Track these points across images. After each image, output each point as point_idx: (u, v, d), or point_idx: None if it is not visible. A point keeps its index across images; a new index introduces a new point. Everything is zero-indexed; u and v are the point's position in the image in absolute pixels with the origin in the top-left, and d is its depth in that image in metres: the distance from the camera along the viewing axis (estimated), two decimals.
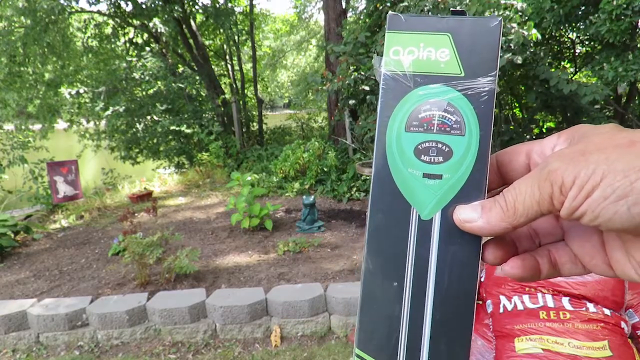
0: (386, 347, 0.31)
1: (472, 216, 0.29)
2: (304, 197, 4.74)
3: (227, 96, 10.15)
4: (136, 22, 9.58)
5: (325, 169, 6.72)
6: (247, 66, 13.65)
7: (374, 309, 0.31)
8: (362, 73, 6.66)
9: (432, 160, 0.30)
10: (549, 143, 0.31)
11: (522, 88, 7.33)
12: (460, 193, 0.30)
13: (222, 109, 9.82)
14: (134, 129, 9.41)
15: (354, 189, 6.21)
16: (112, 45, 10.38)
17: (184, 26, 9.56)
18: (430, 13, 6.13)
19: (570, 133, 0.30)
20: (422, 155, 0.31)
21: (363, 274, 0.32)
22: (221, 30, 10.82)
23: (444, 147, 0.30)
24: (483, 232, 0.29)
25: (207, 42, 11.76)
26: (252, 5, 11.07)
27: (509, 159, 0.33)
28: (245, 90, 11.90)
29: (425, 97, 0.31)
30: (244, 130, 10.24)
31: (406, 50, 0.31)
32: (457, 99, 0.30)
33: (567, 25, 7.44)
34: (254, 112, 11.38)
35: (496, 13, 5.75)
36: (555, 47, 7.81)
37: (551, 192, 0.26)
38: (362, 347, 0.32)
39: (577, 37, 7.60)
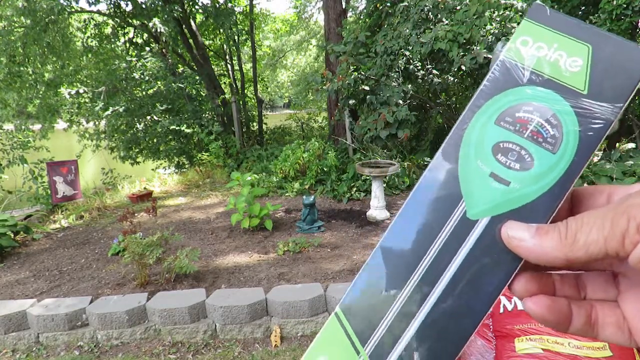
0: (366, 323, 0.29)
1: (523, 235, 0.26)
2: (304, 197, 4.74)
3: (227, 96, 10.15)
4: (136, 22, 9.58)
5: (325, 169, 6.72)
6: (247, 66, 13.65)
7: (373, 280, 0.29)
8: (362, 73, 6.66)
9: (507, 164, 0.28)
10: (637, 187, 0.27)
11: None
12: (521, 209, 0.27)
13: (222, 109, 9.83)
14: (134, 129, 9.41)
15: (354, 189, 6.21)
16: (112, 45, 10.38)
17: (184, 26, 9.57)
18: (430, 13, 6.13)
19: None
20: (499, 154, 0.28)
21: (381, 240, 0.30)
22: (221, 30, 10.82)
23: (526, 156, 0.27)
24: (530, 255, 0.26)
25: (207, 42, 11.76)
26: (252, 5, 11.08)
27: (587, 195, 0.29)
28: (245, 90, 11.90)
29: (531, 97, 0.28)
30: (244, 130, 10.24)
31: (536, 45, 0.29)
32: (565, 113, 0.27)
33: None
34: (254, 112, 11.39)
35: (496, 13, 5.75)
36: None
37: (625, 229, 0.22)
38: (344, 309, 0.29)
39: None
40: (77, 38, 10.38)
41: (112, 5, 9.38)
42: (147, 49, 9.98)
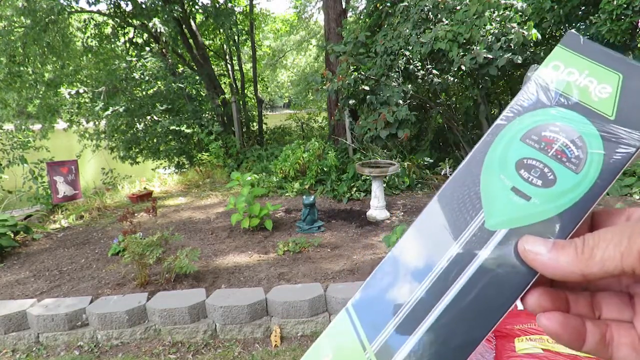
0: (376, 321, 0.29)
1: (539, 249, 0.26)
2: (304, 197, 4.74)
3: (227, 96, 10.15)
4: (136, 22, 9.58)
5: (325, 169, 6.72)
6: (247, 66, 13.65)
7: (386, 280, 0.30)
8: (362, 73, 6.66)
9: (530, 180, 0.28)
10: None
11: None
12: (540, 225, 0.27)
13: (222, 109, 9.83)
14: (134, 129, 9.41)
15: (354, 189, 6.21)
16: (112, 45, 10.39)
17: (184, 26, 9.57)
18: (430, 14, 6.13)
19: None
20: (522, 170, 0.28)
21: (397, 242, 0.30)
22: (221, 30, 10.82)
23: (549, 174, 0.28)
24: (546, 269, 0.26)
25: (207, 42, 11.76)
26: (252, 5, 11.08)
27: (607, 216, 0.29)
28: (245, 90, 11.90)
29: (559, 119, 0.29)
30: (244, 130, 10.24)
31: (567, 70, 0.29)
32: (591, 136, 0.28)
33: (567, 25, 7.44)
34: (254, 112, 11.39)
35: (496, 13, 5.75)
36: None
37: None
38: (355, 305, 0.30)
39: None
40: (77, 38, 10.38)
41: (112, 5, 9.38)
42: (147, 49, 9.98)
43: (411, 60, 6.73)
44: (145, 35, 10.12)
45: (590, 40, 0.30)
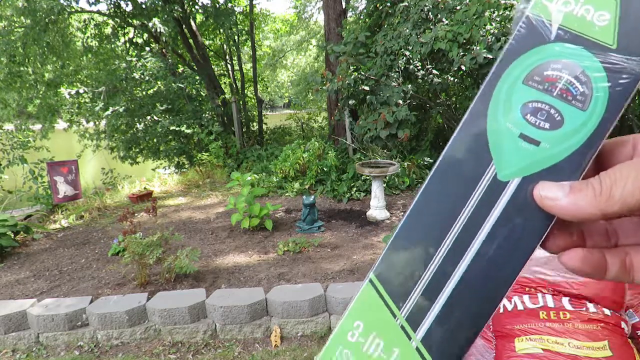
0: (401, 288, 0.29)
1: (556, 194, 0.26)
2: (304, 197, 4.74)
3: (227, 96, 10.15)
4: (136, 22, 9.58)
5: (325, 169, 6.73)
6: (247, 66, 13.65)
7: (405, 244, 0.30)
8: (362, 73, 6.66)
9: (537, 124, 0.27)
10: None
11: None
12: (552, 169, 0.27)
13: (222, 109, 9.83)
14: (134, 129, 9.41)
15: (354, 189, 6.21)
16: (112, 45, 10.38)
17: (183, 26, 9.57)
18: (430, 13, 6.13)
19: None
20: (529, 115, 0.28)
21: (413, 203, 0.30)
22: (221, 30, 10.82)
23: (556, 115, 0.27)
24: (565, 213, 0.25)
25: (207, 42, 11.76)
26: (252, 5, 11.07)
27: (611, 148, 0.29)
28: (245, 90, 11.90)
29: (560, 55, 0.27)
30: (244, 130, 10.24)
31: (562, 0, 0.28)
32: (594, 69, 0.27)
33: None
34: (254, 112, 11.39)
35: (496, 13, 5.75)
36: None
37: None
38: (377, 274, 0.30)
39: None
40: (77, 38, 10.38)
41: (112, 5, 9.38)
42: (147, 49, 9.98)
43: (411, 60, 6.73)
44: (145, 35, 10.12)
45: None
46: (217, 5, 9.93)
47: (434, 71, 6.76)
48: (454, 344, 0.28)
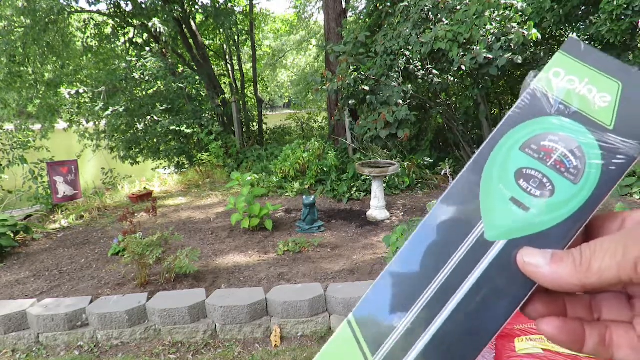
0: (377, 334, 0.29)
1: (538, 261, 0.26)
2: (304, 197, 4.74)
3: (227, 96, 10.15)
4: (136, 22, 9.58)
5: (325, 169, 6.72)
6: (247, 66, 13.65)
7: (387, 291, 0.30)
8: (362, 73, 6.66)
9: (529, 190, 0.28)
10: None
11: None
12: (538, 235, 0.27)
13: (222, 109, 9.83)
14: (134, 129, 9.41)
15: (354, 189, 6.21)
16: (112, 45, 10.38)
17: (183, 26, 9.57)
18: (430, 13, 6.13)
19: None
20: (521, 180, 0.28)
21: (400, 251, 0.30)
22: (221, 30, 10.82)
23: (547, 184, 0.28)
24: (546, 281, 0.26)
25: (207, 42, 11.76)
26: (252, 5, 11.07)
27: (601, 222, 0.29)
28: (245, 90, 11.90)
29: (558, 128, 0.29)
30: (244, 130, 10.24)
31: (567, 77, 0.29)
32: (590, 146, 0.28)
33: (567, 25, 7.44)
34: (254, 112, 11.39)
35: (496, 13, 5.75)
36: (555, 47, 7.80)
37: (637, 256, 0.22)
38: (357, 317, 0.30)
39: (578, 37, 7.59)
40: (77, 38, 10.38)
41: (112, 5, 9.38)
42: (147, 49, 9.98)
43: (411, 60, 6.73)
44: (145, 35, 10.12)
45: (591, 47, 0.29)
46: (217, 5, 9.93)
47: (434, 71, 6.76)
48: None
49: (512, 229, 0.28)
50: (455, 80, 7.26)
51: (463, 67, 5.70)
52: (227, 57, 11.95)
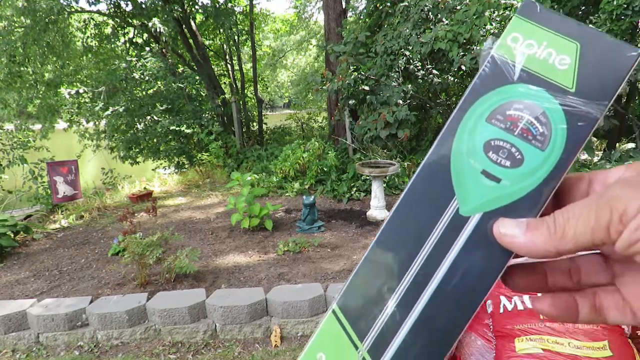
0: (363, 319, 0.29)
1: (514, 232, 0.27)
2: (304, 197, 4.74)
3: (227, 96, 10.15)
4: (136, 22, 9.58)
5: (325, 169, 6.72)
6: (247, 66, 13.65)
7: (369, 276, 0.30)
8: (362, 73, 6.66)
9: (499, 161, 0.28)
10: (615, 173, 0.28)
11: None
12: (512, 205, 0.28)
13: (222, 109, 9.83)
14: (134, 129, 9.41)
15: (354, 189, 6.21)
16: (112, 45, 10.38)
17: (183, 26, 9.57)
18: (430, 13, 6.13)
19: None
20: (491, 152, 0.29)
21: (378, 234, 0.30)
22: (221, 30, 10.82)
23: (516, 153, 0.28)
24: (522, 250, 0.27)
25: (207, 42, 11.76)
26: (252, 5, 11.07)
27: (569, 185, 0.30)
28: (245, 90, 11.90)
29: (522, 95, 0.29)
30: (244, 130, 10.24)
31: (526, 42, 0.29)
32: (554, 111, 0.28)
33: None
34: (254, 112, 11.39)
35: (496, 13, 5.75)
36: None
37: (609, 220, 0.23)
38: (341, 306, 0.30)
39: None
40: (77, 38, 10.38)
41: (112, 5, 9.38)
42: (147, 49, 9.98)
43: (411, 60, 6.73)
44: (145, 35, 10.12)
45: (547, 9, 0.29)
46: (217, 5, 9.93)
47: (434, 71, 6.77)
48: None
49: (485, 202, 0.28)
50: (455, 80, 7.26)
51: (463, 67, 5.70)
52: (227, 57, 11.95)
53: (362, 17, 9.33)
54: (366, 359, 0.29)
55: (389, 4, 7.32)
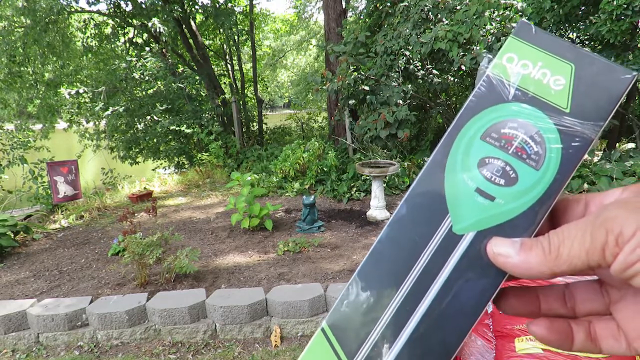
0: (353, 340, 0.29)
1: (508, 251, 0.26)
2: (304, 197, 4.74)
3: (227, 96, 10.15)
4: (136, 22, 9.58)
5: (325, 169, 6.72)
6: (247, 66, 13.65)
7: (361, 294, 0.29)
8: (362, 73, 6.66)
9: (493, 179, 0.28)
10: (612, 195, 0.27)
11: None
12: (506, 225, 0.28)
13: (222, 109, 9.83)
14: (134, 129, 9.41)
15: (354, 189, 6.21)
16: (112, 45, 10.38)
17: (183, 26, 9.57)
18: (430, 13, 6.13)
19: (638, 187, 0.26)
20: (485, 170, 0.28)
21: (370, 250, 0.30)
22: (221, 30, 10.82)
23: (510, 172, 0.28)
24: (516, 271, 0.26)
25: (207, 42, 11.76)
26: (252, 5, 11.07)
27: (564, 206, 0.29)
28: (245, 90, 11.90)
29: (517, 114, 0.29)
30: (244, 130, 10.24)
31: (521, 62, 0.29)
32: (549, 131, 0.28)
33: (567, 25, 7.44)
34: (254, 112, 11.39)
35: (496, 13, 5.75)
36: None
37: (604, 242, 0.23)
38: (330, 324, 0.29)
39: (578, 37, 7.59)
40: (77, 38, 10.38)
41: (112, 5, 9.38)
42: (147, 49, 9.98)
43: (411, 60, 6.73)
44: (145, 35, 10.12)
45: (542, 30, 0.30)
46: (217, 5, 9.93)
47: (434, 71, 6.77)
48: None
49: (479, 220, 0.28)
50: (455, 80, 7.26)
51: (463, 67, 5.70)
52: (227, 57, 11.95)
53: (362, 17, 9.33)
54: None
55: (389, 4, 7.32)
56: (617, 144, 7.14)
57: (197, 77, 9.71)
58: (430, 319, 0.28)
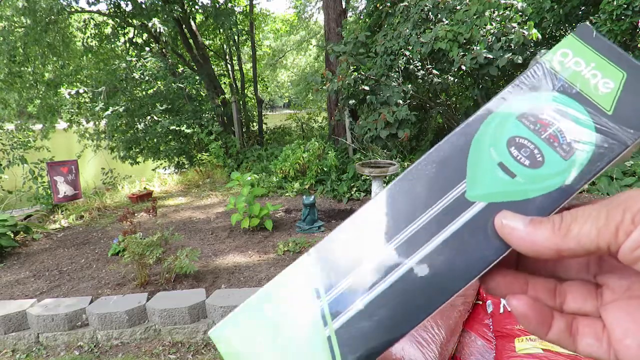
0: (335, 272, 0.29)
1: (516, 224, 0.26)
2: (304, 197, 4.74)
3: (227, 96, 10.15)
4: (136, 22, 9.58)
5: (325, 169, 6.72)
6: (247, 66, 13.65)
7: (355, 228, 0.30)
8: (362, 73, 6.66)
9: (518, 158, 0.29)
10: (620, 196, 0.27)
11: None
12: (520, 203, 0.28)
13: (222, 109, 9.83)
14: (134, 129, 9.41)
15: (354, 189, 6.21)
16: (112, 45, 10.38)
17: (183, 26, 9.57)
18: (430, 13, 6.13)
19: None
20: (512, 147, 0.29)
21: (382, 192, 0.30)
22: (221, 30, 10.82)
23: (538, 155, 0.28)
24: (520, 244, 0.26)
25: (207, 42, 11.76)
26: (252, 5, 11.07)
27: (571, 207, 0.29)
28: (245, 90, 11.90)
29: (558, 104, 0.29)
30: (244, 130, 10.24)
31: (574, 59, 0.30)
32: (586, 126, 0.28)
33: (567, 25, 7.44)
34: (254, 112, 11.39)
35: (496, 13, 5.75)
36: None
37: (620, 221, 0.22)
38: (318, 251, 0.30)
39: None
40: (77, 38, 10.38)
41: (112, 5, 9.38)
42: (147, 49, 9.98)
43: (411, 60, 6.73)
44: (145, 35, 10.12)
45: (602, 35, 0.30)
46: (217, 5, 9.93)
47: (434, 71, 6.77)
48: (368, 343, 0.28)
49: (494, 193, 0.28)
50: (455, 80, 7.26)
51: (463, 67, 5.70)
52: (227, 57, 11.95)
53: (362, 17, 9.33)
54: (325, 311, 0.28)
55: (389, 4, 7.32)
56: None
57: (197, 77, 9.71)
58: (417, 274, 0.28)
